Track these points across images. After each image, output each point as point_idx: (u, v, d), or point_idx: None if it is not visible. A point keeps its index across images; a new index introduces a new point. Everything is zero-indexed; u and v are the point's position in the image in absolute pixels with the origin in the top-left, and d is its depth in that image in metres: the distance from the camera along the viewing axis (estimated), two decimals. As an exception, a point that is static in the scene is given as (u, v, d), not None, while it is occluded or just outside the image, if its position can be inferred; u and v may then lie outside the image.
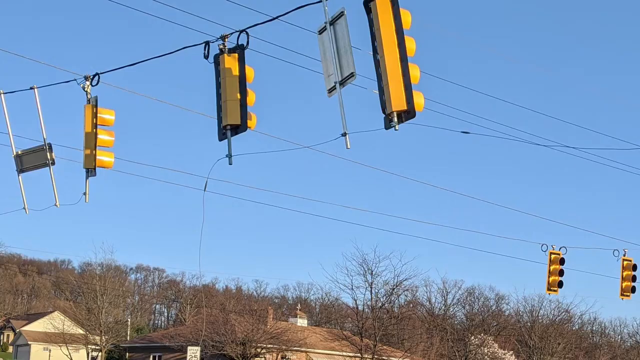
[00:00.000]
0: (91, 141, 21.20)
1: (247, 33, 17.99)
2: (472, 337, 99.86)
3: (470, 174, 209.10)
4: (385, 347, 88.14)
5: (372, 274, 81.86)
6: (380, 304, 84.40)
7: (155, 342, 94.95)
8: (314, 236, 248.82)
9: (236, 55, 18.09)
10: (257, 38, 18.71)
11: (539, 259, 36.76)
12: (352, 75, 15.62)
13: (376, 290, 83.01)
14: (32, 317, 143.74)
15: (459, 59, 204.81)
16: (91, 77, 21.39)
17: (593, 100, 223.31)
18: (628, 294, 37.34)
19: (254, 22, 18.16)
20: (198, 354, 75.90)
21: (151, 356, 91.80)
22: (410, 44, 15.18)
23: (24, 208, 23.48)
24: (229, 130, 18.05)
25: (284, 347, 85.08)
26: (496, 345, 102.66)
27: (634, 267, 37.36)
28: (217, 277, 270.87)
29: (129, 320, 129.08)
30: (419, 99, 15.15)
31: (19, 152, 23.26)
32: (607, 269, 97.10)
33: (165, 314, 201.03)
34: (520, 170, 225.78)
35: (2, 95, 22.81)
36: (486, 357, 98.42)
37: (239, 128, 18.03)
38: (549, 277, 36.37)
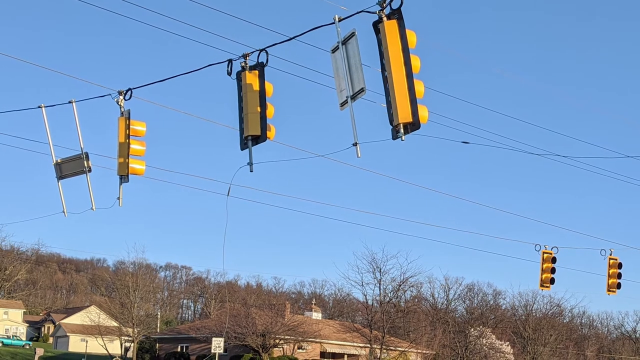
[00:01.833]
0: (124, 150, 21.19)
1: (266, 52, 17.97)
2: (472, 329, 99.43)
3: (470, 180, 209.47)
4: (392, 338, 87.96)
5: (380, 271, 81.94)
6: (388, 299, 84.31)
7: (182, 333, 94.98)
8: (328, 237, 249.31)
9: (257, 72, 18.06)
10: (276, 56, 18.67)
11: (532, 257, 36.75)
12: (362, 90, 15.58)
13: (384, 287, 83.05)
14: (70, 311, 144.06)
15: (460, 74, 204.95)
16: (124, 92, 21.37)
17: (583, 112, 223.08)
18: (614, 289, 37.25)
19: (273, 42, 18.15)
20: (222, 344, 75.86)
21: (179, 346, 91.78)
22: (416, 61, 15.15)
23: (63, 211, 23.42)
24: (250, 140, 18.01)
25: (300, 338, 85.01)
26: (494, 336, 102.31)
27: (619, 265, 37.29)
28: (239, 274, 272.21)
29: (158, 313, 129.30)
30: (423, 112, 15.11)
31: (59, 161, 23.23)
32: (594, 267, 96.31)
33: (192, 308, 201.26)
34: (515, 177, 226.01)
35: (43, 108, 22.81)
36: (485, 347, 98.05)
37: (259, 138, 17.99)
38: (541, 274, 36.24)
